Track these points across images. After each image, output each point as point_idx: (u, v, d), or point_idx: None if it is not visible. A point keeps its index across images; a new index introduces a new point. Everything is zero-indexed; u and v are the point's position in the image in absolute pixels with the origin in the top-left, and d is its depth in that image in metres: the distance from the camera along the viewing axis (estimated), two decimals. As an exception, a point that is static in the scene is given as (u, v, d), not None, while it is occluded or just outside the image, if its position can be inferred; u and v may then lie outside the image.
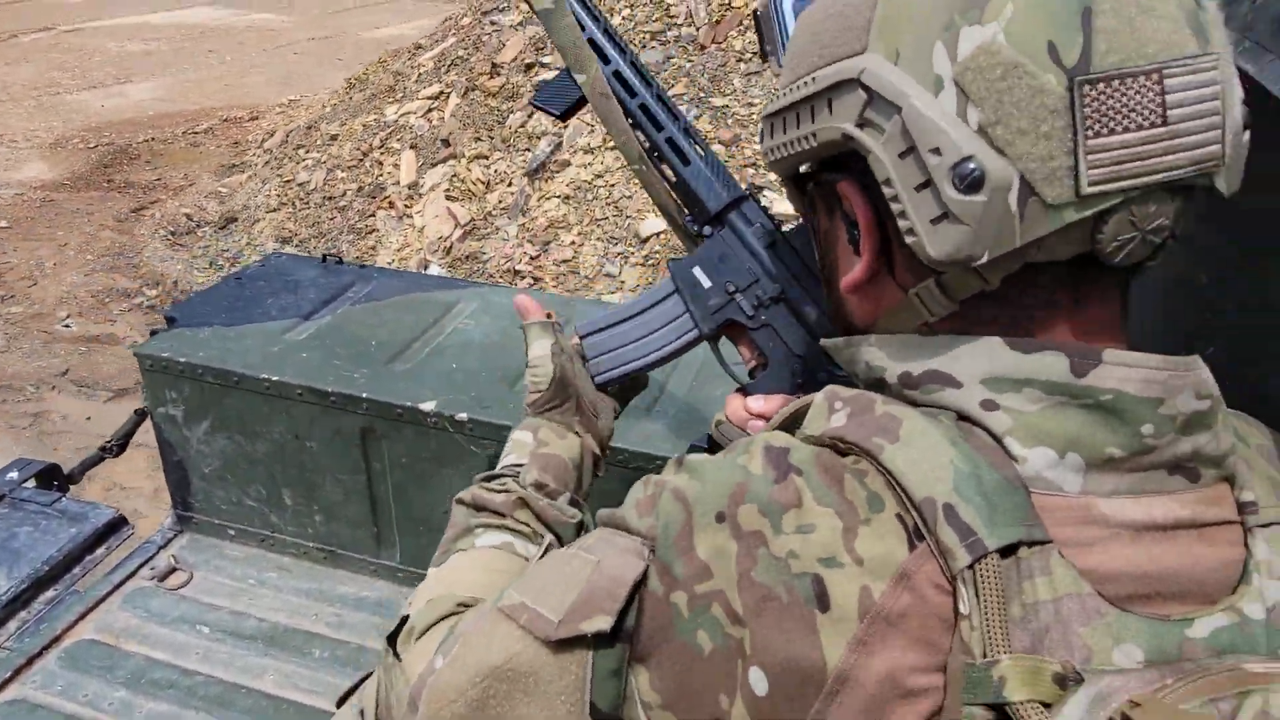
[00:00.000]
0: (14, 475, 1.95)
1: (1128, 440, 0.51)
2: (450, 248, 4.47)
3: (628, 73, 0.95)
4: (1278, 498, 0.54)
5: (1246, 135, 0.53)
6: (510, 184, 4.67)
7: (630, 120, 0.95)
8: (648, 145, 0.95)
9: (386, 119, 5.31)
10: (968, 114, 0.49)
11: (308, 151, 5.61)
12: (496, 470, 0.87)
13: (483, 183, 4.66)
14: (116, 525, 1.88)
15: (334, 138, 5.56)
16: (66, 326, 4.61)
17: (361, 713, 0.74)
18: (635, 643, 0.55)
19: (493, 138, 4.83)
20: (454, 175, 4.71)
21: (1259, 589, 0.50)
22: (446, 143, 4.89)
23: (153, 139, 7.14)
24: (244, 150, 6.72)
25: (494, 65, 5.14)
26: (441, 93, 5.17)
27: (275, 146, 6.10)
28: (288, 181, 5.40)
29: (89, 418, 3.93)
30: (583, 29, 0.94)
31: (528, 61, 5.02)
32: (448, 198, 4.64)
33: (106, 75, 9.07)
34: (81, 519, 1.87)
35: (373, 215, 4.82)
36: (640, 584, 0.55)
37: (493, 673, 0.59)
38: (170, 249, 5.31)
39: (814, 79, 0.56)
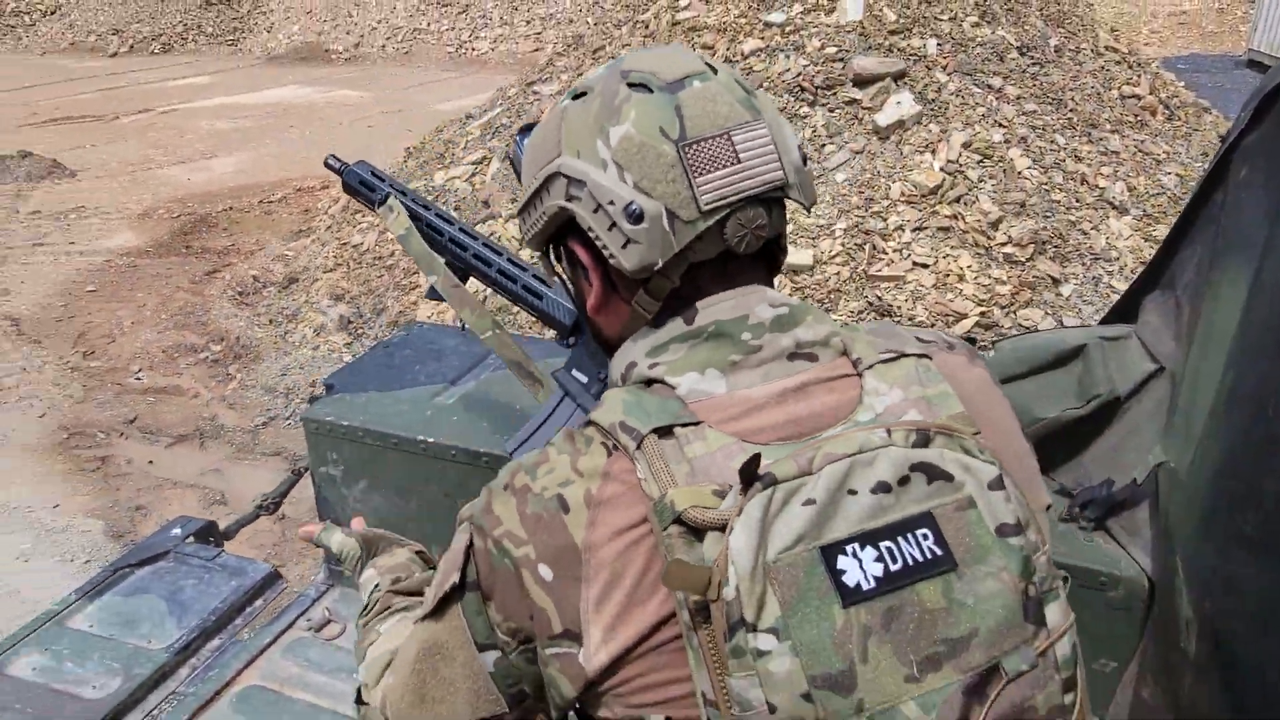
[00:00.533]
0: (177, 532, 2.13)
1: (738, 347, 0.77)
2: (484, 300, 4.71)
3: (482, 251, 1.32)
4: (874, 351, 0.78)
5: (808, 166, 0.83)
6: (546, 241, 4.90)
7: (492, 283, 1.30)
8: (509, 297, 1.32)
9: (435, 183, 5.64)
10: (625, 177, 0.77)
11: (364, 216, 5.97)
12: (365, 604, 1.10)
13: (517, 240, 4.90)
14: (272, 579, 2.05)
15: (389, 202, 5.91)
16: (137, 379, 4.98)
17: None
18: (481, 587, 0.78)
19: (531, 198, 5.09)
20: (491, 234, 4.97)
21: (869, 405, 0.74)
22: (486, 204, 5.18)
23: (231, 208, 7.66)
24: (313, 217, 7.16)
25: (535, 131, 5.43)
26: (484, 158, 5.47)
27: (338, 212, 6.50)
28: (344, 244, 5.75)
29: (151, 461, 4.24)
30: (441, 234, 1.37)
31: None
32: (487, 255, 4.89)
33: (195, 151, 9.77)
34: (241, 573, 2.04)
35: (416, 273, 5.10)
36: (470, 546, 0.79)
37: (416, 658, 0.84)
38: (236, 308, 5.70)
39: (537, 177, 0.84)
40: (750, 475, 0.65)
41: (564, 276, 0.92)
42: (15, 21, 18.55)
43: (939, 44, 4.96)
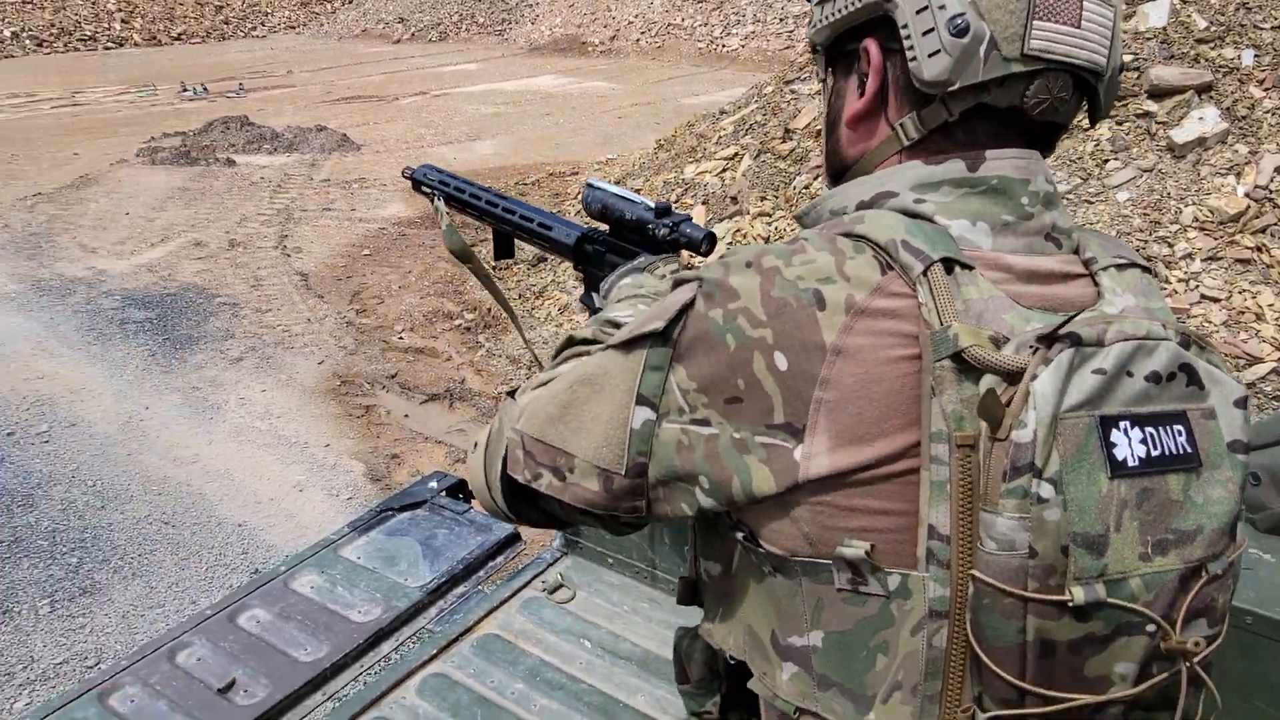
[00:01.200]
0: (434, 484, 2.33)
1: (1015, 209, 0.76)
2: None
3: (500, 202, 1.49)
4: (1107, 254, 0.79)
5: (1120, 76, 0.80)
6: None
7: (514, 227, 1.47)
8: (527, 234, 1.44)
9: (685, 176, 5.74)
10: None
11: (613, 203, 6.18)
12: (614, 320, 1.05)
13: (763, 239, 4.90)
14: (513, 539, 2.17)
15: (637, 191, 6.09)
16: (400, 338, 5.43)
17: (475, 444, 0.96)
18: (677, 347, 0.77)
19: (776, 197, 5.07)
20: (738, 230, 4.99)
21: (1110, 300, 0.76)
22: (734, 200, 5.21)
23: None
24: (562, 200, 7.51)
25: (787, 130, 5.40)
26: (736, 154, 5.51)
27: (587, 198, 6.77)
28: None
29: (406, 415, 4.61)
30: (479, 198, 1.50)
31: (818, 128, 5.23)
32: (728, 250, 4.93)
33: (461, 133, 10.51)
34: (486, 530, 2.17)
35: (660, 262, 5.23)
36: (688, 306, 0.77)
37: (578, 379, 0.82)
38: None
39: None
40: (1057, 332, 0.66)
41: (828, 81, 0.88)
42: (320, 9, 20.70)
43: (1256, 55, 4.46)
